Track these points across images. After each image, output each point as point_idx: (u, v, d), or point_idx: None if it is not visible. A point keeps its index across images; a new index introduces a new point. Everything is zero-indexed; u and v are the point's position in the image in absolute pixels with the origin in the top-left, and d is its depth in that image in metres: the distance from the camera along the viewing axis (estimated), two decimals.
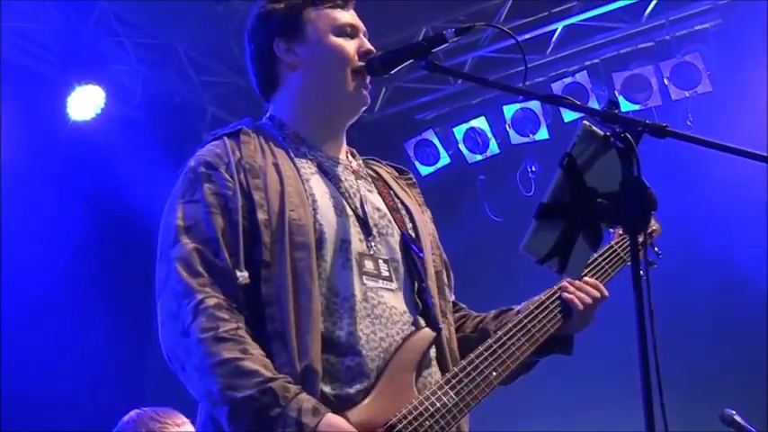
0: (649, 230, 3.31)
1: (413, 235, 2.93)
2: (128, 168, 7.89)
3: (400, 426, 2.53)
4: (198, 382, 2.48)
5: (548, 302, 2.98)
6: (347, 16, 3.00)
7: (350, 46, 2.95)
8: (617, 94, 7.99)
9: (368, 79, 2.96)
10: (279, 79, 3.01)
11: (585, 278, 3.06)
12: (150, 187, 7.21)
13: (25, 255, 7.59)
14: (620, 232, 3.26)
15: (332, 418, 2.41)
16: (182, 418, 4.19)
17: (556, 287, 3.03)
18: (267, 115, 3.02)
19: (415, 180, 3.24)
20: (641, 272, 2.22)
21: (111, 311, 7.96)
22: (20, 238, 7.55)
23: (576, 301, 2.99)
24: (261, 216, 2.64)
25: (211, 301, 2.52)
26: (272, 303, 2.57)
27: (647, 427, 2.10)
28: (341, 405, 2.53)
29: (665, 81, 8.03)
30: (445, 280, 3.03)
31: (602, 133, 2.35)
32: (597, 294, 3.03)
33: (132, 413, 4.17)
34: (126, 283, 7.85)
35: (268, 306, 2.57)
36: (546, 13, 8.34)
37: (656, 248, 3.38)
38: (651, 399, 2.10)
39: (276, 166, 2.76)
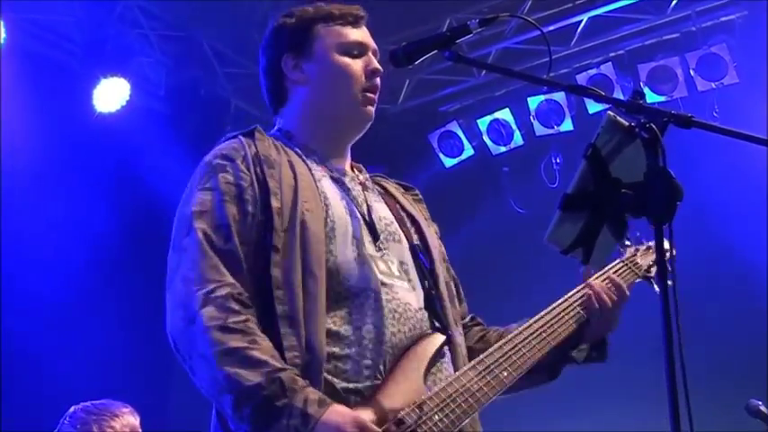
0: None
1: (420, 246, 2.93)
2: (152, 159, 7.91)
3: (409, 420, 2.52)
4: (203, 370, 2.46)
5: (563, 306, 2.99)
6: (357, 34, 2.99)
7: (356, 65, 2.94)
8: (642, 86, 7.96)
9: (375, 97, 2.96)
10: (287, 94, 3.01)
11: (611, 276, 3.09)
12: (174, 177, 7.23)
13: (50, 245, 7.61)
14: (632, 250, 3.29)
15: (337, 409, 2.41)
16: (121, 409, 4.15)
17: (575, 292, 3.03)
18: (275, 128, 3.02)
19: (421, 197, 3.21)
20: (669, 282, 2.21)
21: (133, 303, 7.95)
22: (46, 228, 7.58)
23: (595, 303, 3.00)
24: (274, 203, 2.64)
25: (222, 291, 2.51)
26: (280, 287, 2.56)
27: (672, 422, 2.10)
28: (349, 398, 2.53)
29: (691, 72, 8.01)
30: (455, 291, 3.03)
31: (626, 124, 2.34)
32: (616, 297, 3.04)
33: (69, 410, 4.14)
34: (148, 273, 7.85)
35: (277, 289, 2.55)
36: (571, 5, 8.31)
37: (669, 268, 3.37)
38: (677, 396, 2.09)
39: (290, 163, 2.77)
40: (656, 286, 3.28)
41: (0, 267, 7.29)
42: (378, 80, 2.96)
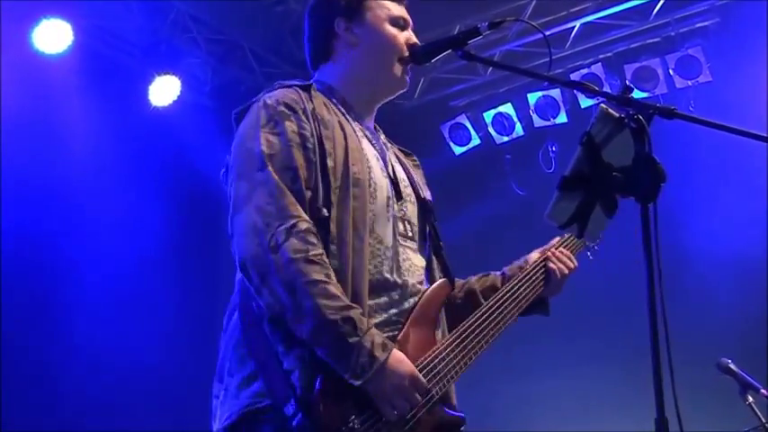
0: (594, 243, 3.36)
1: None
2: (199, 148, 7.91)
3: (426, 367, 2.55)
4: (284, 295, 2.38)
5: (533, 272, 3.04)
6: (401, 10, 3.00)
7: (401, 37, 2.94)
8: (629, 83, 7.90)
9: (409, 67, 2.95)
10: (333, 53, 2.97)
11: (561, 249, 3.14)
12: (218, 165, 7.22)
13: (110, 232, 7.58)
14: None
15: (396, 355, 2.42)
16: None
17: (539, 257, 3.10)
18: (314, 80, 2.97)
19: (419, 162, 3.16)
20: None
21: (185, 290, 7.92)
22: (106, 213, 7.57)
23: (557, 270, 3.06)
24: (330, 163, 2.61)
25: (303, 225, 2.46)
26: (334, 242, 2.53)
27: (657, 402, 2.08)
28: None
29: (671, 72, 7.99)
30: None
31: (617, 115, 2.33)
32: (572, 265, 3.12)
33: None
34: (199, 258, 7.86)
35: (331, 243, 2.52)
36: (565, 12, 8.27)
37: (590, 255, 3.40)
38: (661, 379, 2.08)
39: (340, 123, 2.74)
40: (589, 254, 3.34)
41: (63, 258, 7.26)
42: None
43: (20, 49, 6.74)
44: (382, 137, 3.00)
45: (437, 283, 2.76)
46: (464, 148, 9.02)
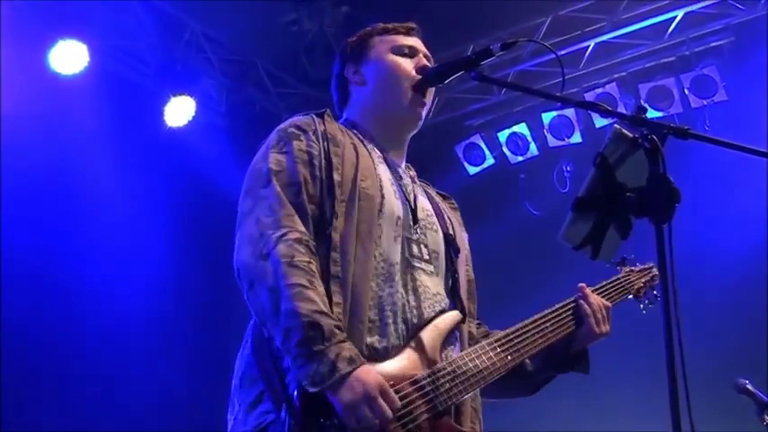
0: (650, 276, 3.35)
1: (453, 237, 2.92)
2: (214, 168, 7.94)
3: (423, 381, 2.52)
4: (268, 300, 2.43)
5: (561, 310, 2.96)
6: (408, 39, 3.03)
7: (407, 63, 2.97)
8: (643, 103, 7.90)
9: (425, 98, 2.96)
10: (349, 95, 3.05)
11: (600, 297, 3.04)
12: (232, 184, 7.24)
13: (126, 252, 7.62)
14: (627, 270, 3.28)
15: (364, 370, 2.37)
16: None
17: (572, 298, 3.00)
18: (342, 119, 3.04)
19: (456, 206, 3.20)
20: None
21: (195, 305, 7.92)
22: (121, 234, 7.60)
23: (589, 312, 2.96)
24: (336, 177, 2.65)
25: (293, 235, 2.51)
26: (336, 250, 2.56)
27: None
28: (376, 356, 2.52)
29: (686, 91, 7.95)
30: (473, 291, 3.01)
31: (631, 135, 2.33)
32: (606, 313, 3.01)
33: None
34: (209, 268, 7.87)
35: (334, 251, 2.55)
36: (579, 32, 8.28)
37: (655, 292, 3.33)
38: (678, 400, 2.07)
39: (353, 144, 2.78)
40: (641, 306, 3.31)
41: (76, 277, 7.28)
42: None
43: (37, 69, 6.80)
44: (412, 172, 3.02)
45: (449, 312, 2.74)
46: (478, 168, 9.01)
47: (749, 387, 4.70)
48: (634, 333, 4.39)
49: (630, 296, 3.28)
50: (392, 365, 2.52)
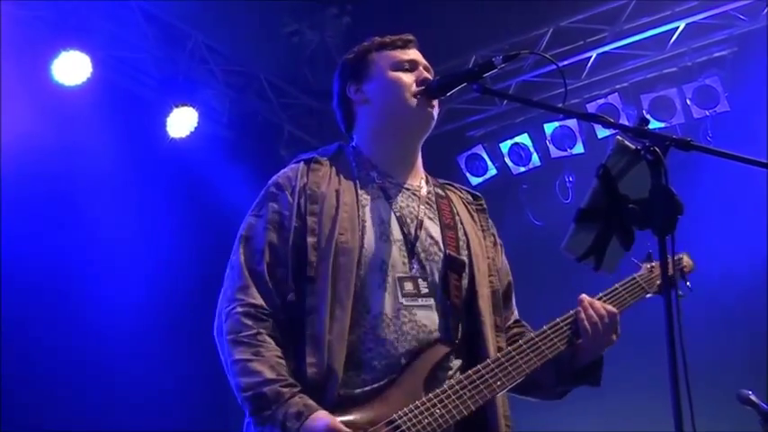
0: (682, 266, 3.21)
1: (462, 256, 2.85)
2: (217, 178, 7.95)
3: (399, 420, 2.52)
4: (226, 370, 2.63)
5: (561, 324, 2.85)
6: (408, 53, 3.02)
7: (407, 77, 2.96)
8: (645, 114, 7.91)
9: (433, 101, 2.95)
10: (355, 116, 3.04)
11: (605, 305, 2.88)
12: (235, 194, 7.27)
13: (128, 262, 7.62)
14: (649, 266, 3.12)
15: (311, 420, 2.46)
16: None
17: (573, 311, 2.87)
18: (352, 143, 3.03)
19: (485, 206, 3.17)
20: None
21: (195, 313, 7.88)
22: (123, 244, 7.61)
23: (588, 325, 2.82)
24: (310, 240, 2.69)
25: (241, 309, 2.63)
26: (312, 312, 2.61)
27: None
28: (354, 404, 2.56)
29: (688, 102, 7.96)
30: (501, 298, 2.96)
31: (633, 147, 2.33)
32: (608, 322, 2.83)
33: None
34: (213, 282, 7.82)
35: (309, 315, 2.61)
36: (582, 43, 8.28)
37: (688, 283, 3.18)
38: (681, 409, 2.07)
39: (337, 192, 2.77)
40: (687, 282, 3.19)
41: (79, 289, 7.29)
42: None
43: (40, 80, 6.81)
44: (425, 189, 2.97)
45: (431, 349, 2.69)
46: (480, 179, 9.00)
47: (752, 398, 4.69)
48: (637, 340, 4.37)
49: (649, 294, 3.08)
50: (369, 410, 2.55)
